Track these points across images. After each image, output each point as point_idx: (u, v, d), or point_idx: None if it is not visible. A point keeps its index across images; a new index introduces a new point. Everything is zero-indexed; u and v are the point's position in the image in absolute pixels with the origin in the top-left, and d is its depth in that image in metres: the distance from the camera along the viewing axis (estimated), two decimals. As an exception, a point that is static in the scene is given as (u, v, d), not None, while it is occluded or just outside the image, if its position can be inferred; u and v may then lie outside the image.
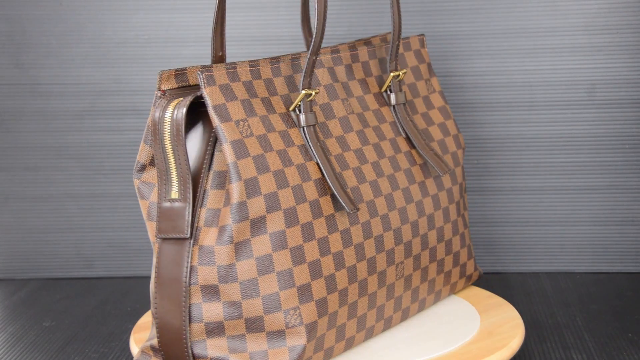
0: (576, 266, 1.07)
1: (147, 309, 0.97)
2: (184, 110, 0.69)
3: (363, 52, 0.84)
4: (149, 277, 1.11)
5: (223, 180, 0.71)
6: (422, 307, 0.86)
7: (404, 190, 0.82)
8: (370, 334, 0.79)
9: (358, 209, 0.74)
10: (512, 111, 1.05)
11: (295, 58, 0.78)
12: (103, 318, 0.98)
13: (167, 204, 0.71)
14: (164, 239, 0.71)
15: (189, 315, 0.71)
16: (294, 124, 0.75)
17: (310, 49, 0.74)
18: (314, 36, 0.74)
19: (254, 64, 0.74)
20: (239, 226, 0.69)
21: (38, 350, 0.90)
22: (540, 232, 1.07)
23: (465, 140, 1.06)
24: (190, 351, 0.71)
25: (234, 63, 0.75)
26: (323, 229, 0.73)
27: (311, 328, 0.71)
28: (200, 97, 0.71)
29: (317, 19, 0.74)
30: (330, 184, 0.74)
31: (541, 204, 1.06)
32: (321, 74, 0.79)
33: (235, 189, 0.69)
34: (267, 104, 0.74)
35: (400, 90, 0.85)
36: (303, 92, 0.75)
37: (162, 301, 0.71)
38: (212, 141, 0.72)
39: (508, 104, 1.05)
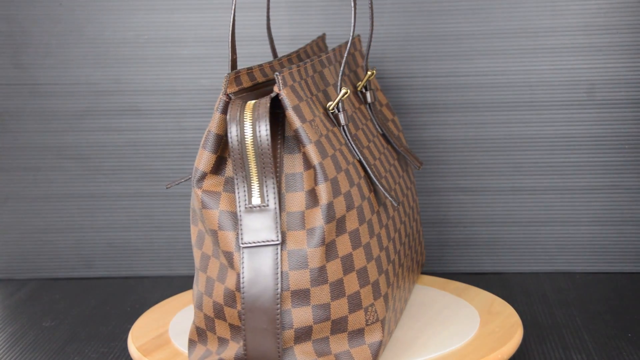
0: (576, 266, 1.07)
1: (147, 308, 0.97)
2: (267, 109, 0.68)
3: (336, 53, 0.85)
4: (148, 277, 1.11)
5: (297, 183, 0.70)
6: (408, 297, 0.88)
7: (399, 183, 0.83)
8: (396, 326, 0.81)
9: (401, 202, 0.75)
10: (512, 111, 1.05)
11: (312, 58, 0.78)
12: (103, 318, 0.98)
13: (250, 211, 0.69)
14: (248, 247, 0.69)
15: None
16: (333, 123, 0.75)
17: (348, 48, 0.75)
18: (351, 35, 0.74)
19: (297, 65, 0.74)
20: (329, 227, 0.69)
21: (38, 350, 0.90)
22: (540, 232, 1.07)
23: (465, 140, 1.06)
24: None
25: (280, 61, 0.75)
26: (377, 224, 0.74)
27: (384, 323, 0.72)
28: (274, 99, 0.70)
29: (354, 19, 0.75)
30: (375, 180, 0.74)
31: (541, 204, 1.06)
32: (327, 73, 0.80)
33: (324, 190, 0.69)
34: (314, 103, 0.74)
35: (371, 88, 0.86)
36: (344, 90, 0.74)
37: (252, 312, 0.69)
38: (280, 143, 0.71)
39: (508, 104, 1.05)
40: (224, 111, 0.70)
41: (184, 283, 1.08)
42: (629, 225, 1.06)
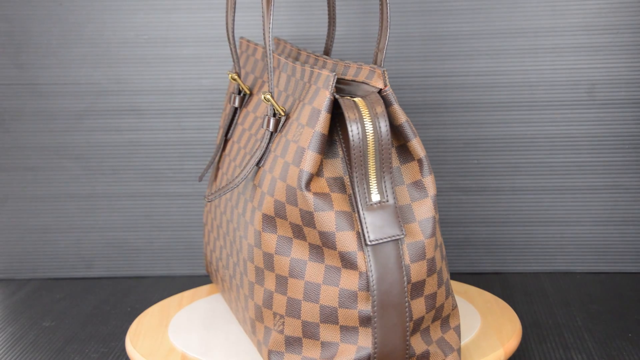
0: (576, 266, 1.07)
1: (146, 308, 0.97)
2: (383, 105, 0.69)
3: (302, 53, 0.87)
4: (148, 277, 1.11)
5: (396, 177, 0.71)
6: None
7: None
8: None
9: None
10: (512, 111, 1.05)
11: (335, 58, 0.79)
12: (103, 318, 0.98)
13: (371, 208, 0.69)
14: (374, 245, 0.69)
15: None
16: None
17: (386, 47, 0.75)
18: (387, 36, 0.75)
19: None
20: (437, 217, 0.71)
21: (38, 350, 0.90)
22: (540, 232, 1.07)
23: (465, 140, 1.06)
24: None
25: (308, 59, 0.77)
26: None
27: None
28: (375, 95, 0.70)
29: (384, 24, 0.75)
30: None
31: (541, 204, 1.06)
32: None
33: (430, 182, 0.71)
34: None
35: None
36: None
37: (383, 309, 0.69)
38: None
39: (508, 104, 1.05)
40: (331, 110, 0.70)
41: (183, 283, 1.08)
42: (629, 225, 1.06)
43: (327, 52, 0.92)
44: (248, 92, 0.86)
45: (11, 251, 1.12)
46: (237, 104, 0.87)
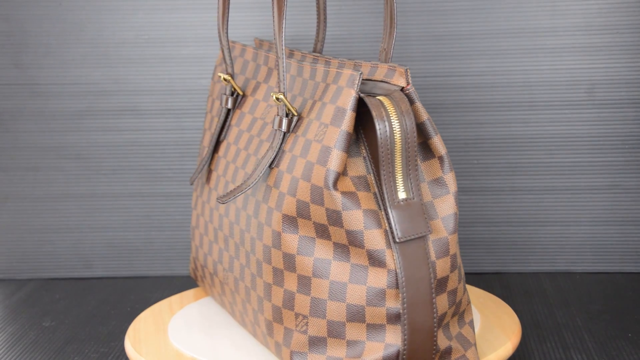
0: (576, 266, 1.07)
1: (146, 307, 0.97)
2: (408, 103, 0.69)
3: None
4: (148, 277, 1.11)
5: (419, 174, 0.71)
6: None
7: None
8: None
9: None
10: (512, 111, 1.05)
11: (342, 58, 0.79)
12: (103, 318, 0.98)
13: (398, 206, 0.69)
14: (402, 242, 0.69)
15: None
16: None
17: (393, 46, 0.76)
18: (394, 35, 0.75)
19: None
20: (457, 213, 0.72)
21: (38, 350, 0.90)
22: (540, 232, 1.07)
23: (465, 140, 1.06)
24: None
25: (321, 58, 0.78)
26: None
27: None
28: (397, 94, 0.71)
29: (391, 23, 0.75)
30: None
31: (541, 204, 1.06)
32: None
33: (451, 178, 0.71)
34: None
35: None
36: None
37: (412, 307, 0.69)
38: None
39: (508, 104, 1.05)
40: (356, 109, 0.70)
41: (183, 283, 1.08)
42: (629, 225, 1.06)
43: (316, 52, 0.92)
44: (241, 93, 0.86)
45: (11, 251, 1.12)
46: (230, 106, 0.87)
